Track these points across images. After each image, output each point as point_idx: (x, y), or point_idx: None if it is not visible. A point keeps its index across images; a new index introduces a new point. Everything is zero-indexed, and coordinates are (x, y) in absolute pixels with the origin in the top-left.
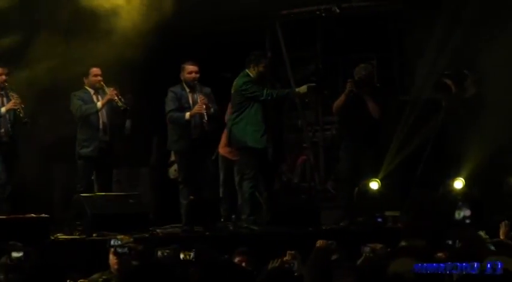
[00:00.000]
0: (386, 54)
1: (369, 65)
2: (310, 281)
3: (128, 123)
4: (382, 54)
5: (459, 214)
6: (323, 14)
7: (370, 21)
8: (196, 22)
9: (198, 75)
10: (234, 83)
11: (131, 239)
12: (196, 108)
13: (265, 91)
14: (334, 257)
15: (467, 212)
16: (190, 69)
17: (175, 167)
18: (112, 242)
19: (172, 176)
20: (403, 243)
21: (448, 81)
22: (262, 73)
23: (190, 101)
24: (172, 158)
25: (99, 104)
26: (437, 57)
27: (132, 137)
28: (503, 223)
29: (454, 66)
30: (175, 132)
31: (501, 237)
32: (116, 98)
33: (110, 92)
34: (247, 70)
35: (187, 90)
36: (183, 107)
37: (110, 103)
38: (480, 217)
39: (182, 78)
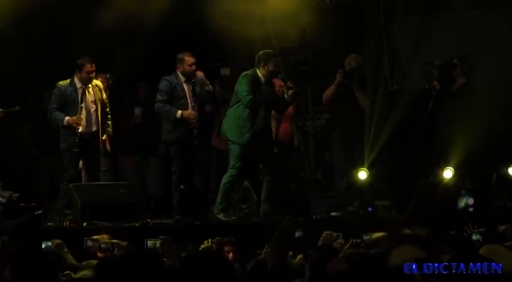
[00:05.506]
0: (376, 44)
1: (360, 56)
2: (272, 258)
3: (138, 111)
4: (372, 44)
5: (462, 202)
6: (313, 3)
7: (360, 11)
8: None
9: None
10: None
11: (106, 238)
12: (190, 116)
13: (248, 98)
14: (297, 234)
15: (471, 201)
16: (191, 61)
17: None
18: (88, 243)
19: None
20: (406, 231)
21: (435, 73)
22: (272, 72)
23: (187, 91)
24: None
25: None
26: (427, 47)
27: (142, 126)
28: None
29: (445, 55)
30: (169, 122)
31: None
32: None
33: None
34: (256, 68)
35: (183, 79)
36: (179, 95)
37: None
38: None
39: (181, 69)
